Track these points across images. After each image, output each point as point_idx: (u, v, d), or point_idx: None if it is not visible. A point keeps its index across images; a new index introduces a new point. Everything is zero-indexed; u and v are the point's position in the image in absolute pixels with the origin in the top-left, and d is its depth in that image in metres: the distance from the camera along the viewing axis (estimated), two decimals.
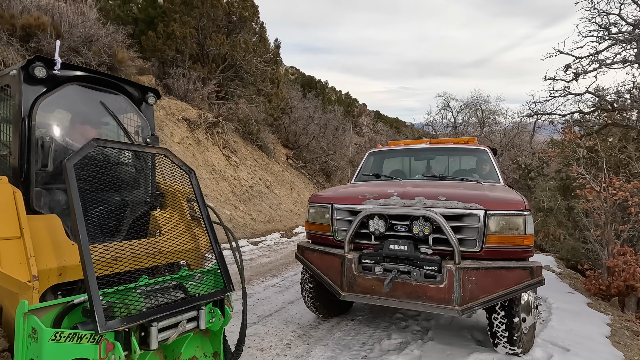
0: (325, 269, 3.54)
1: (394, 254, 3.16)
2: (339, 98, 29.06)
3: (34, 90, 3.00)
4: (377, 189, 3.69)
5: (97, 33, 11.19)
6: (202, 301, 2.51)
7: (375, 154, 5.77)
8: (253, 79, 15.34)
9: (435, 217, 3.04)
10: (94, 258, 2.21)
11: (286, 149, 18.99)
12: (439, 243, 3.20)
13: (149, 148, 2.86)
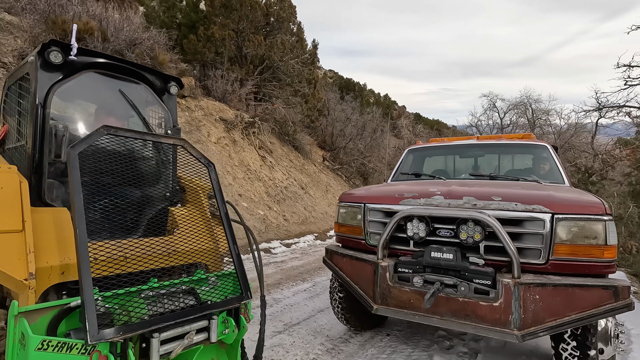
0: (355, 277, 3.08)
1: (436, 263, 2.65)
2: (377, 100, 28.37)
3: (50, 76, 2.84)
4: (417, 188, 3.19)
5: (141, 37, 11.46)
6: (214, 309, 2.21)
7: (415, 151, 5.23)
8: (290, 79, 15.16)
9: (488, 220, 2.50)
10: (101, 256, 2.03)
11: (322, 151, 18.67)
12: (493, 252, 2.65)
13: (165, 138, 2.62)
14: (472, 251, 2.71)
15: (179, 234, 2.61)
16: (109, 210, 2.51)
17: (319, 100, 16.69)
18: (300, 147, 15.99)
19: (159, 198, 2.94)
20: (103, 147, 2.35)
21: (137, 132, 2.50)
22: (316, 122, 18.26)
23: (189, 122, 12.02)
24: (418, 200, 2.94)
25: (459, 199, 2.80)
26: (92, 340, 1.64)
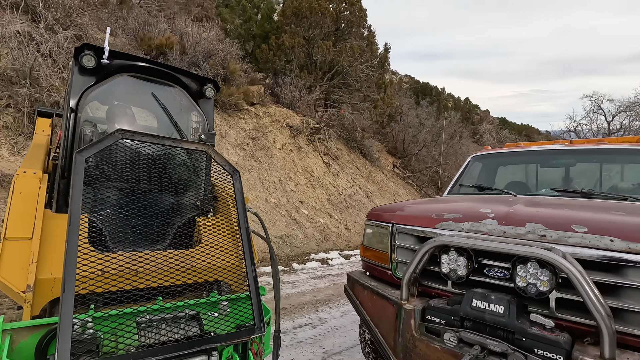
0: (376, 317, 2.37)
1: (479, 316, 1.83)
2: (456, 104, 26.23)
3: (84, 81, 2.74)
4: (464, 206, 2.37)
5: (215, 48, 11.90)
6: (216, 344, 1.86)
7: (483, 159, 4.26)
8: (359, 84, 14.57)
9: (561, 263, 1.62)
10: (112, 269, 1.83)
11: (393, 158, 17.65)
12: (570, 308, 1.76)
13: (187, 143, 2.31)
14: (536, 304, 1.83)
15: (201, 247, 2.27)
16: (128, 219, 2.23)
17: (389, 105, 15.79)
18: (368, 154, 15.25)
19: (188, 207, 2.61)
20: (125, 152, 2.18)
21: (155, 136, 2.24)
22: (387, 127, 17.34)
23: (256, 128, 12.13)
24: (460, 224, 2.13)
25: (519, 227, 1.94)
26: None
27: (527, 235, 1.89)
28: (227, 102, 11.55)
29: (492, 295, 1.84)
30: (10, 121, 8.06)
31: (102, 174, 2.20)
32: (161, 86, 3.09)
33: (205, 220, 2.52)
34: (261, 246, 9.35)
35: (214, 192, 2.96)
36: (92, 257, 1.82)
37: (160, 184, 2.37)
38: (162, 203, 2.42)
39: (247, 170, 10.97)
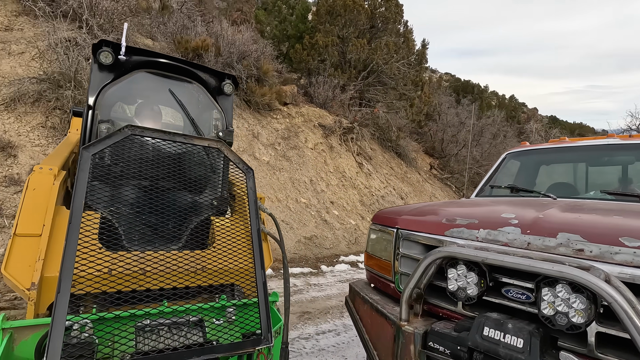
0: (375, 337, 2.01)
1: (491, 349, 1.43)
2: (500, 102, 24.60)
3: (102, 77, 2.71)
4: (485, 210, 1.95)
5: (249, 49, 11.93)
6: (217, 354, 1.72)
7: (520, 156, 3.73)
8: (394, 83, 14.00)
9: (601, 288, 1.19)
10: (119, 268, 1.76)
11: (430, 158, 16.84)
12: (616, 347, 1.32)
13: (199, 140, 2.21)
14: (570, 339, 1.40)
15: (213, 248, 2.14)
16: (142, 218, 2.14)
17: (426, 104, 15.05)
18: (404, 154, 14.63)
19: (203, 206, 2.47)
20: (141, 149, 2.13)
21: (166, 132, 2.14)
22: (424, 127, 16.58)
23: (288, 128, 12.00)
24: (475, 231, 1.73)
25: (549, 237, 1.50)
26: None
27: (558, 248, 1.46)
28: (260, 102, 11.52)
29: (509, 323, 1.43)
30: (57, 122, 8.46)
31: (117, 171, 2.11)
32: (179, 82, 3.02)
33: (220, 221, 2.37)
34: (290, 246, 9.17)
35: (232, 191, 2.78)
36: (99, 255, 1.74)
37: (176, 182, 2.25)
38: (177, 202, 2.29)
39: (278, 170, 10.85)
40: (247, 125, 11.10)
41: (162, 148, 2.23)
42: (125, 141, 2.04)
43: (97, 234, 1.95)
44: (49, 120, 8.33)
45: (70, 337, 1.52)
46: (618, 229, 1.43)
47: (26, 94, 8.18)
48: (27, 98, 8.22)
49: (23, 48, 9.00)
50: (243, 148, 10.55)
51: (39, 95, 8.32)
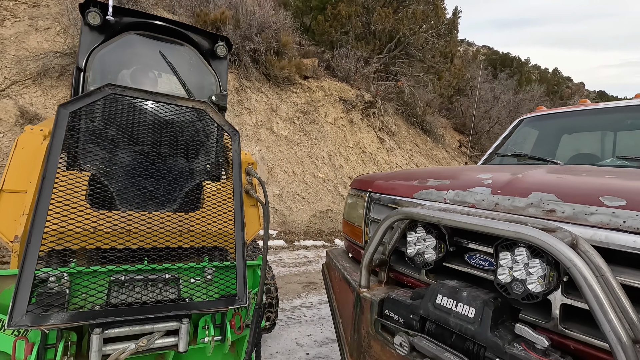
0: (341, 304, 1.91)
1: (442, 318, 1.28)
2: (542, 76, 22.92)
3: (92, 39, 2.70)
4: (465, 173, 1.76)
5: (268, 21, 11.69)
6: (187, 311, 1.70)
7: (536, 122, 3.39)
8: (422, 54, 13.34)
9: (557, 250, 1.00)
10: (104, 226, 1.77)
11: (460, 135, 16.14)
12: (586, 322, 1.14)
13: (183, 101, 2.17)
14: (531, 312, 1.23)
15: (201, 211, 2.16)
16: (131, 180, 2.16)
17: (456, 77, 14.28)
18: (430, 130, 14.09)
19: (194, 171, 2.47)
20: (133, 110, 2.12)
21: (147, 92, 2.10)
22: (455, 103, 15.83)
23: (307, 102, 11.80)
24: (443, 192, 1.55)
25: (520, 197, 1.31)
26: (7, 326, 1.34)
27: (527, 209, 1.26)
28: (279, 75, 11.35)
29: (464, 291, 1.27)
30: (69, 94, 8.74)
31: (105, 132, 2.10)
32: (171, 45, 2.95)
33: (211, 185, 2.35)
34: (304, 220, 9.17)
35: (228, 157, 2.74)
36: (82, 213, 1.75)
37: (166, 145, 2.22)
38: (167, 165, 2.28)
39: (296, 145, 10.77)
40: (266, 99, 11.01)
41: (152, 110, 2.18)
42: (112, 102, 2.03)
43: (85, 193, 1.95)
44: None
45: (44, 288, 1.54)
46: (601, 188, 1.21)
47: (51, 68, 8.44)
48: (53, 72, 8.49)
49: (49, 24, 9.25)
50: (261, 122, 10.51)
51: (64, 70, 8.58)
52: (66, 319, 1.43)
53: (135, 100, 2.12)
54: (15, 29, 8.37)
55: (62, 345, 1.50)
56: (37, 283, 1.53)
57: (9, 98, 7.91)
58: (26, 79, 8.21)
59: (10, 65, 8.09)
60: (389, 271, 1.72)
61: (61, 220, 1.66)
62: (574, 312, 1.17)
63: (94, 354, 1.49)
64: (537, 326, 1.20)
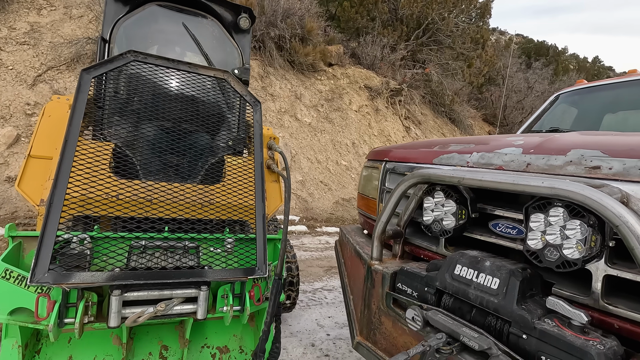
0: (352, 279, 1.78)
1: (461, 291, 1.13)
2: (580, 65, 21.53)
3: (117, 10, 2.72)
4: (493, 137, 1.57)
5: (293, 7, 11.52)
6: (205, 278, 1.67)
7: (575, 97, 3.09)
8: (451, 40, 12.80)
9: (604, 205, 0.82)
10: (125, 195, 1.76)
11: (490, 126, 15.47)
12: (629, 297, 0.95)
13: (205, 69, 2.18)
14: (567, 284, 1.05)
15: (223, 184, 2.14)
16: (154, 151, 2.16)
17: (487, 64, 13.63)
18: (459, 120, 13.57)
19: (216, 145, 2.43)
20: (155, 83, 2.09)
21: (169, 59, 2.09)
22: (485, 92, 15.16)
23: (332, 90, 11.61)
24: (467, 155, 1.38)
25: (557, 154, 1.12)
26: (30, 282, 1.37)
27: (565, 167, 1.08)
28: (304, 62, 11.20)
29: (487, 260, 1.11)
30: None
31: (129, 103, 2.10)
32: (193, 16, 2.91)
33: (233, 159, 2.31)
34: (327, 207, 9.06)
35: (250, 133, 2.69)
36: (106, 180, 1.77)
37: (189, 117, 2.19)
38: (189, 137, 2.25)
39: (319, 132, 10.64)
40: (290, 86, 10.91)
41: (175, 81, 2.15)
42: (134, 72, 2.00)
43: (108, 163, 1.95)
44: None
45: (67, 249, 1.55)
46: None
47: (84, 55, 8.66)
48: (85, 58, 8.70)
49: (82, 12, 9.48)
50: (285, 109, 10.43)
51: (95, 55, 8.80)
52: (86, 279, 1.44)
53: (158, 71, 2.07)
54: (52, 17, 8.62)
55: (83, 305, 1.50)
56: (60, 244, 1.53)
57: (44, 83, 8.17)
58: (60, 65, 8.45)
59: (47, 51, 8.34)
60: (404, 244, 1.57)
61: (84, 186, 1.66)
62: (619, 287, 0.99)
63: (113, 315, 1.49)
64: (574, 302, 1.02)
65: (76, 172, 1.66)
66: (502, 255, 1.22)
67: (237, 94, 2.28)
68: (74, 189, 1.62)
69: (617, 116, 3.01)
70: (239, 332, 2.08)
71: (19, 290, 1.49)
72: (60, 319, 1.47)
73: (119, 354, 1.78)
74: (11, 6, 7.95)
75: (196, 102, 2.22)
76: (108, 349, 1.77)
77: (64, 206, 1.55)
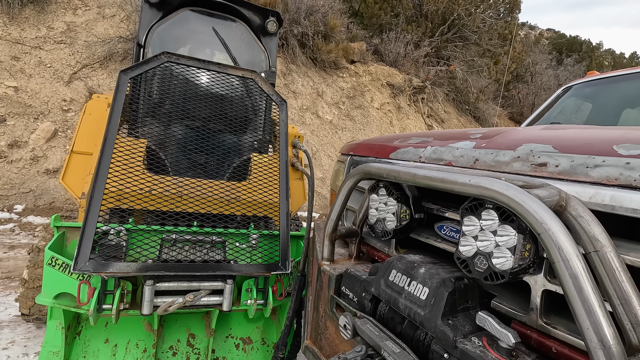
0: (311, 280, 1.68)
1: (392, 299, 0.99)
2: (616, 62, 19.91)
3: (152, 16, 2.85)
4: (457, 131, 1.41)
5: (317, 4, 11.39)
6: (231, 272, 1.74)
7: (586, 89, 2.78)
8: (477, 36, 12.21)
9: (525, 209, 0.66)
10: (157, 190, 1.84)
11: (516, 125, 14.68)
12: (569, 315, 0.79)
13: (233, 69, 2.23)
14: (505, 298, 0.89)
15: (248, 182, 2.20)
16: (184, 151, 2.25)
17: (515, 61, 12.90)
18: (483, 119, 12.96)
19: (243, 145, 2.47)
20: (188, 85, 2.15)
21: (199, 60, 2.18)
22: (512, 89, 14.40)
23: (354, 87, 11.40)
24: (420, 150, 1.22)
25: (506, 150, 0.96)
26: (72, 270, 1.46)
27: (512, 164, 0.91)
28: (326, 59, 11.06)
29: (423, 266, 0.97)
30: None
31: (162, 105, 2.17)
32: (223, 20, 2.98)
33: (259, 157, 2.35)
34: None
35: (275, 132, 2.70)
36: (141, 176, 1.84)
37: (218, 118, 2.23)
38: (218, 137, 2.32)
39: (340, 130, 10.49)
40: (312, 84, 10.81)
41: (206, 83, 2.20)
42: (167, 73, 2.08)
43: (142, 159, 2.01)
44: None
45: (105, 241, 1.64)
46: (618, 138, 0.83)
47: (116, 53, 8.96)
48: (117, 56, 9.00)
49: (114, 11, 9.80)
50: (307, 106, 10.36)
51: (126, 54, 9.07)
52: (123, 269, 1.52)
53: (189, 73, 2.13)
54: (86, 16, 8.97)
55: (119, 293, 1.59)
56: (99, 235, 1.61)
57: (79, 80, 8.52)
58: (94, 63, 8.78)
59: (81, 50, 8.69)
60: (360, 244, 1.44)
61: (120, 181, 1.73)
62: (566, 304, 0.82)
63: (146, 303, 1.57)
64: (513, 319, 0.87)
65: (113, 167, 1.74)
66: (453, 262, 1.07)
67: (264, 94, 2.31)
68: (112, 183, 1.69)
69: (597, 102, 2.69)
70: (261, 325, 2.14)
71: (63, 277, 1.59)
72: (99, 305, 1.56)
73: (150, 340, 1.87)
74: (49, 7, 8.33)
75: (225, 101, 2.27)
76: (140, 334, 1.87)
77: (107, 201, 1.64)
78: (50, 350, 1.66)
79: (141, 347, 1.84)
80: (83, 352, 1.76)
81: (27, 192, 6.41)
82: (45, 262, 1.60)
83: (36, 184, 6.52)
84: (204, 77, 2.16)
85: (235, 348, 2.03)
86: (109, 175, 1.68)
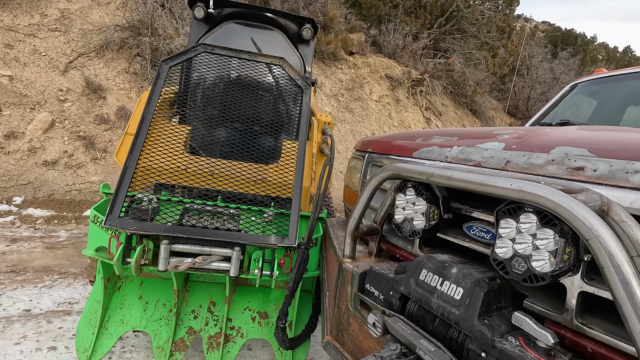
0: (329, 277, 1.68)
1: (424, 298, 1.01)
2: (610, 56, 20.00)
3: (199, 30, 3.06)
4: (481, 130, 1.41)
5: None
6: (238, 240, 1.82)
7: (592, 86, 2.81)
8: (476, 29, 12.16)
9: (574, 215, 0.68)
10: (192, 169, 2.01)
11: (512, 118, 14.74)
12: (605, 313, 0.81)
13: (262, 57, 2.41)
14: (539, 299, 0.91)
15: (277, 165, 2.29)
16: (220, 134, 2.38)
17: (512, 54, 12.89)
18: (480, 112, 12.98)
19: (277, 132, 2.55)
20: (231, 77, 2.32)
21: (232, 49, 2.33)
22: (508, 83, 14.41)
23: (352, 79, 11.33)
24: (446, 150, 1.23)
25: (539, 152, 0.97)
26: (105, 223, 1.63)
27: (546, 167, 0.92)
28: (325, 51, 10.95)
29: (454, 266, 0.98)
30: (137, 68, 9.01)
31: (204, 93, 2.36)
32: (262, 30, 3.20)
33: (291, 144, 2.43)
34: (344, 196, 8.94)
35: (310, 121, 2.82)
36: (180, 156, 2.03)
37: (253, 106, 2.38)
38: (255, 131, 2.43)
39: (339, 122, 10.45)
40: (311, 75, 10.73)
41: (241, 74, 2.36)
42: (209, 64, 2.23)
43: (183, 143, 2.18)
44: (131, 66, 8.89)
45: (138, 205, 1.82)
46: None
47: (112, 42, 8.77)
48: (113, 45, 8.82)
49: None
50: None
51: (123, 43, 8.89)
52: (144, 227, 1.68)
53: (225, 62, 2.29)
54: (80, 3, 8.76)
55: (140, 249, 1.72)
56: (135, 202, 1.80)
57: (76, 69, 8.35)
58: (90, 52, 8.60)
59: (77, 38, 8.50)
60: (380, 242, 1.45)
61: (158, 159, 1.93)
62: (602, 305, 0.84)
63: (162, 260, 1.70)
64: (547, 319, 0.88)
65: (152, 147, 1.94)
66: (481, 261, 1.08)
67: (291, 80, 2.43)
68: (145, 156, 1.90)
69: (603, 99, 2.72)
70: (279, 303, 2.22)
71: (102, 233, 1.80)
72: (124, 258, 1.71)
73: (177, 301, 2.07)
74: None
75: (259, 89, 2.42)
76: (169, 296, 2.08)
77: (143, 173, 1.86)
78: (95, 298, 1.97)
79: (168, 307, 2.07)
80: (120, 304, 2.02)
81: (25, 183, 6.32)
82: (90, 219, 1.83)
83: (34, 175, 6.43)
84: (240, 68, 2.32)
85: (252, 320, 2.15)
86: (148, 153, 1.87)
